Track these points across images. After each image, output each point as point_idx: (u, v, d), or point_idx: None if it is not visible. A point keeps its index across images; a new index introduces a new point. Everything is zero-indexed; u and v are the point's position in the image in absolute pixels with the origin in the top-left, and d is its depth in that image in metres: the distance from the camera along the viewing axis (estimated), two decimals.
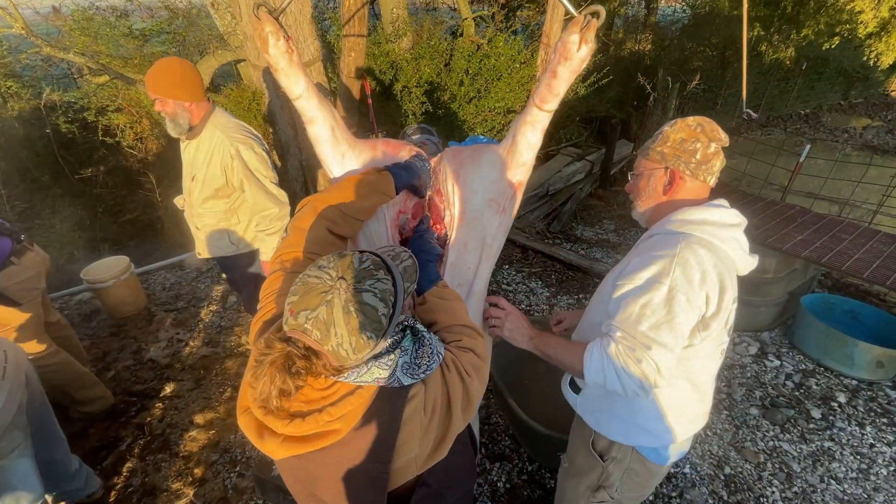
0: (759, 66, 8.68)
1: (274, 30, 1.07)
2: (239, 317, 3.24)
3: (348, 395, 0.78)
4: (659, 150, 1.14)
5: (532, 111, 1.13)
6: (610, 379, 1.05)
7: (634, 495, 1.33)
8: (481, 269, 1.32)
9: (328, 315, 0.72)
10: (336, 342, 0.72)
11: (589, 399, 1.30)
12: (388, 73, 4.89)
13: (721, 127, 1.16)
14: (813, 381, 2.83)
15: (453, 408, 0.87)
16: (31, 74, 6.27)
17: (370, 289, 0.76)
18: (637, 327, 1.02)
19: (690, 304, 1.01)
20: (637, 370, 1.02)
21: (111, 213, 5.70)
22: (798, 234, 3.10)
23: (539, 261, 4.09)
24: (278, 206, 2.16)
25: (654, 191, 1.16)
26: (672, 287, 1.01)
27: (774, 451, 2.38)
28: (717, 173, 1.14)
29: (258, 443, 0.78)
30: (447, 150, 1.34)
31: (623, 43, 9.92)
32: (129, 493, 2.08)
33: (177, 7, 6.61)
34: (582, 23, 0.96)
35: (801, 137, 8.36)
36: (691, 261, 1.02)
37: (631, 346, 1.03)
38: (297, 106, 1.22)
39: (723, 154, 1.13)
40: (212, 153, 2.00)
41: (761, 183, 4.97)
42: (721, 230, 1.08)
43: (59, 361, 2.17)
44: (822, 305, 3.17)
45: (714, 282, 1.03)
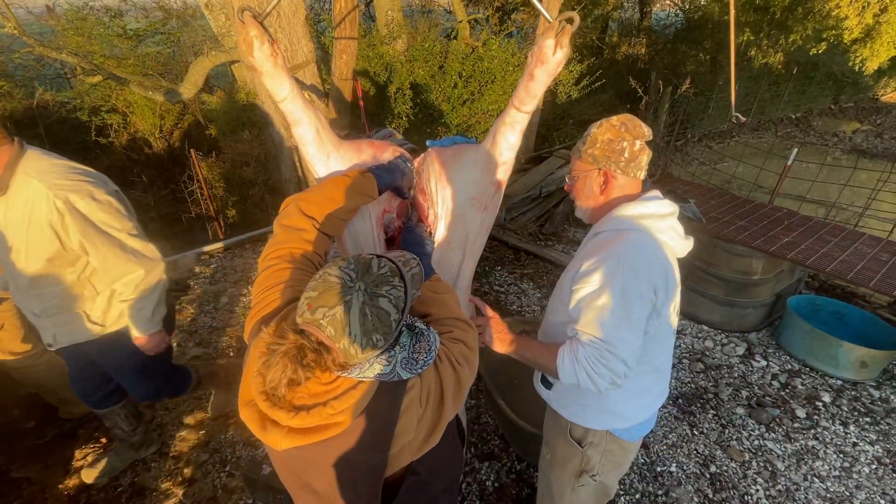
0: (750, 70, 8.79)
1: (258, 33, 1.08)
2: (231, 317, 3.25)
3: (351, 389, 0.81)
4: (590, 153, 1.20)
5: (511, 112, 1.17)
6: (583, 380, 1.14)
7: (614, 472, 1.44)
8: (465, 265, 1.35)
9: (345, 315, 0.76)
10: (348, 341, 0.76)
11: (560, 393, 1.38)
12: (383, 75, 4.91)
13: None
14: (798, 381, 2.88)
15: (445, 396, 0.92)
16: (24, 74, 6.24)
17: (386, 294, 0.79)
18: (600, 331, 1.11)
19: (642, 298, 1.11)
20: (605, 370, 1.11)
21: None
22: (785, 237, 3.15)
23: (531, 262, 4.12)
24: (144, 265, 1.64)
25: (592, 191, 1.24)
26: (624, 286, 1.09)
27: (759, 450, 2.42)
28: (645, 167, 1.21)
29: (261, 434, 0.81)
30: (430, 151, 1.37)
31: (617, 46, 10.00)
32: (118, 493, 2.08)
33: (171, 8, 6.60)
34: (557, 28, 1.00)
35: (791, 141, 8.46)
36: (636, 258, 1.11)
37: (596, 347, 1.12)
38: (282, 108, 1.23)
39: (648, 148, 1.20)
40: (30, 212, 1.48)
41: (751, 186, 5.04)
42: (658, 221, 1.18)
43: (44, 361, 2.16)
44: (808, 307, 3.21)
45: (659, 273, 1.13)
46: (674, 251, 1.21)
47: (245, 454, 2.26)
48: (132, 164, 6.11)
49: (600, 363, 1.10)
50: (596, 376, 1.11)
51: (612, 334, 1.10)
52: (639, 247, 1.13)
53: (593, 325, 1.12)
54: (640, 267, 1.11)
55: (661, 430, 2.51)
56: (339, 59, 3.35)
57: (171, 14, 6.53)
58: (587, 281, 1.14)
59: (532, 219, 4.86)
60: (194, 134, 6.39)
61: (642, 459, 2.34)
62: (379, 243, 1.35)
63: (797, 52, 8.84)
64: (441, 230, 1.32)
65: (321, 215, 1.13)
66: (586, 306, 1.14)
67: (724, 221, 3.31)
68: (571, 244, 4.51)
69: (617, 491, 2.15)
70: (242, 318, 3.24)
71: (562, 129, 6.73)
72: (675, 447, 2.42)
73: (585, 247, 1.29)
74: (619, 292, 1.09)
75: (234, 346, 2.97)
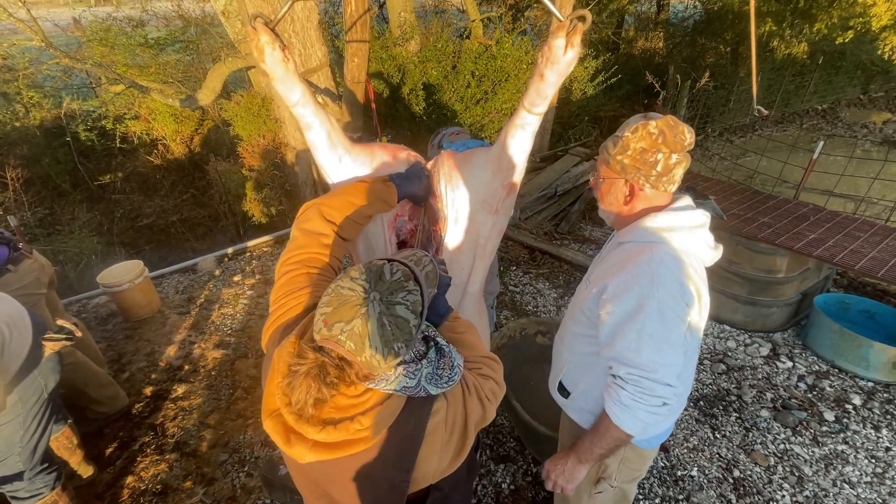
0: (773, 62, 8.52)
1: (270, 40, 1.10)
2: (249, 319, 3.30)
3: (377, 405, 0.80)
4: (619, 160, 1.12)
5: (521, 114, 1.15)
6: (644, 418, 1.09)
7: (631, 478, 1.40)
8: (476, 269, 1.34)
9: (363, 328, 0.74)
10: (370, 353, 0.74)
11: (578, 401, 1.34)
12: (396, 77, 4.93)
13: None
14: (826, 383, 2.78)
15: (469, 427, 0.92)
16: (52, 85, 6.46)
17: (403, 301, 0.78)
18: (639, 357, 1.06)
19: (679, 317, 1.06)
20: (653, 398, 1.07)
21: (128, 219, 5.85)
22: (811, 233, 3.04)
23: (546, 262, 4.08)
24: None
25: (616, 199, 1.17)
26: (661, 307, 1.04)
27: (785, 455, 2.34)
28: (678, 181, 1.13)
29: (285, 447, 0.80)
30: (443, 153, 1.36)
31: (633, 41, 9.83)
32: (142, 491, 2.14)
33: (190, 16, 6.75)
34: (568, 27, 0.97)
35: (817, 133, 8.18)
36: (669, 277, 1.05)
37: (636, 382, 1.07)
38: (294, 113, 1.25)
39: (688, 158, 1.11)
40: None
41: (774, 181, 4.88)
42: (688, 233, 1.11)
43: (71, 362, 2.22)
44: (836, 305, 3.10)
45: (691, 290, 1.08)
46: (702, 262, 1.15)
47: (263, 454, 2.30)
48: (154, 170, 6.28)
49: (646, 394, 1.07)
50: (650, 409, 1.07)
51: (654, 359, 1.05)
52: (671, 263, 1.07)
53: (631, 351, 1.07)
54: (675, 285, 1.05)
55: (682, 433, 2.45)
56: (351, 62, 3.37)
57: (190, 22, 6.68)
58: (619, 303, 1.09)
59: (547, 218, 4.81)
60: (213, 138, 6.53)
61: (662, 463, 2.29)
62: (390, 247, 1.35)
63: (822, 41, 8.53)
64: (450, 232, 1.31)
65: (341, 220, 1.13)
66: (622, 331, 1.08)
67: (747, 218, 3.22)
68: (587, 243, 4.44)
69: (636, 495, 2.11)
70: (261, 320, 3.29)
71: (577, 126, 6.64)
72: (697, 451, 2.36)
73: (609, 257, 1.22)
74: (657, 314, 1.04)
75: (253, 348, 3.01)
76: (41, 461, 1.66)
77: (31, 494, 1.65)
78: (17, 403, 1.52)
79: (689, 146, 1.08)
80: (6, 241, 1.99)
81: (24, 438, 1.57)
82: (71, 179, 6.02)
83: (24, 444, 1.58)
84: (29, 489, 1.65)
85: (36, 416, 1.59)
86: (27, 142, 5.79)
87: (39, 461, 1.65)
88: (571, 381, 1.36)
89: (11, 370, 1.48)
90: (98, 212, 5.80)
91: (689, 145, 1.08)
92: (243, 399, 2.62)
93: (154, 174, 6.27)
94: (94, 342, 2.63)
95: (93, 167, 6.19)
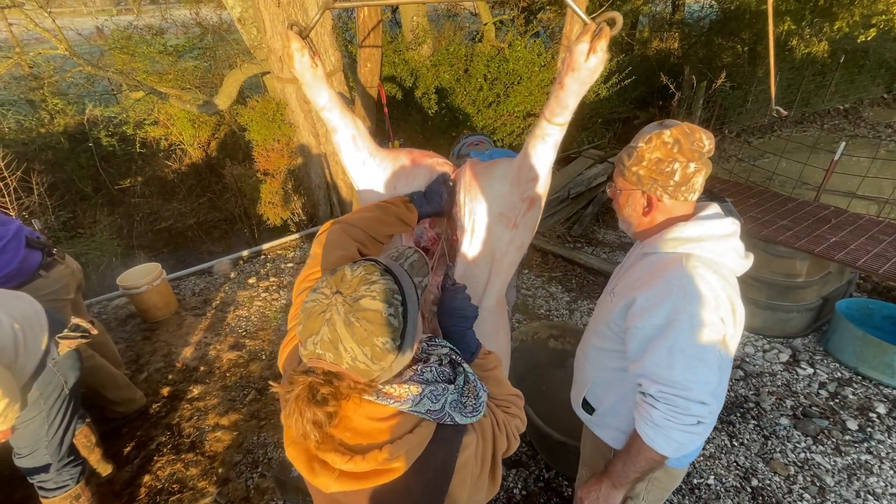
0: (792, 61, 8.35)
1: (299, 46, 1.13)
2: (264, 322, 3.34)
3: (407, 432, 0.77)
4: (634, 171, 1.08)
5: (541, 124, 1.09)
6: (679, 439, 1.04)
7: (658, 498, 1.34)
8: (491, 284, 1.30)
9: (332, 333, 0.71)
10: (350, 357, 0.71)
11: (604, 418, 1.28)
12: (409, 81, 4.96)
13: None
14: (849, 391, 2.70)
15: (496, 460, 0.90)
16: (76, 92, 6.66)
17: (366, 293, 0.73)
18: (672, 374, 1.02)
19: (713, 332, 1.00)
20: (687, 417, 1.02)
21: (147, 222, 5.98)
22: (832, 236, 2.97)
23: (559, 265, 4.05)
24: None
25: (634, 211, 1.13)
26: (693, 323, 0.99)
27: (806, 464, 2.28)
28: (700, 189, 1.08)
29: (309, 475, 0.77)
30: (468, 161, 1.34)
31: (648, 42, 9.73)
32: (158, 490, 2.18)
33: (208, 23, 6.90)
34: (594, 31, 0.89)
35: (838, 134, 7.98)
36: (702, 289, 1.00)
37: (668, 400, 1.02)
38: (322, 116, 1.28)
39: (708, 165, 1.06)
40: None
41: (794, 183, 4.78)
42: (718, 243, 1.05)
43: (90, 365, 2.28)
44: (859, 311, 3.01)
45: (726, 304, 1.02)
46: (734, 273, 1.10)
47: (276, 456, 2.32)
48: (172, 174, 6.41)
49: (680, 413, 1.02)
50: (684, 428, 1.03)
51: (686, 377, 1.00)
52: (704, 274, 1.01)
53: (663, 368, 1.02)
54: (707, 299, 1.00)
55: None
56: (364, 66, 3.40)
57: (208, 29, 6.82)
58: (648, 317, 1.04)
59: (560, 221, 4.78)
60: (229, 143, 6.65)
61: None
62: None
63: (843, 39, 8.33)
64: (467, 244, 1.28)
65: (365, 238, 1.13)
66: (652, 347, 1.04)
67: (765, 221, 3.15)
68: (601, 246, 4.40)
69: None
70: (275, 322, 3.33)
71: (590, 128, 6.59)
72: (714, 458, 2.31)
73: (634, 269, 1.16)
74: (689, 329, 0.99)
75: (267, 350, 3.05)
76: (68, 454, 1.72)
77: (57, 486, 1.71)
78: (39, 400, 1.57)
79: (707, 153, 1.03)
80: (41, 247, 2.04)
81: (50, 432, 1.63)
82: (93, 184, 6.19)
83: (50, 438, 1.63)
84: (56, 481, 1.70)
85: (59, 411, 1.64)
86: (52, 147, 5.97)
87: (66, 454, 1.71)
88: (596, 398, 1.30)
89: (28, 370, 1.52)
90: (118, 215, 5.95)
91: (707, 152, 1.03)
92: (257, 401, 2.65)
93: (172, 178, 6.41)
94: (113, 344, 2.69)
95: (114, 172, 6.36)
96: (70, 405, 1.69)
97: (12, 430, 1.50)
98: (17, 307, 1.58)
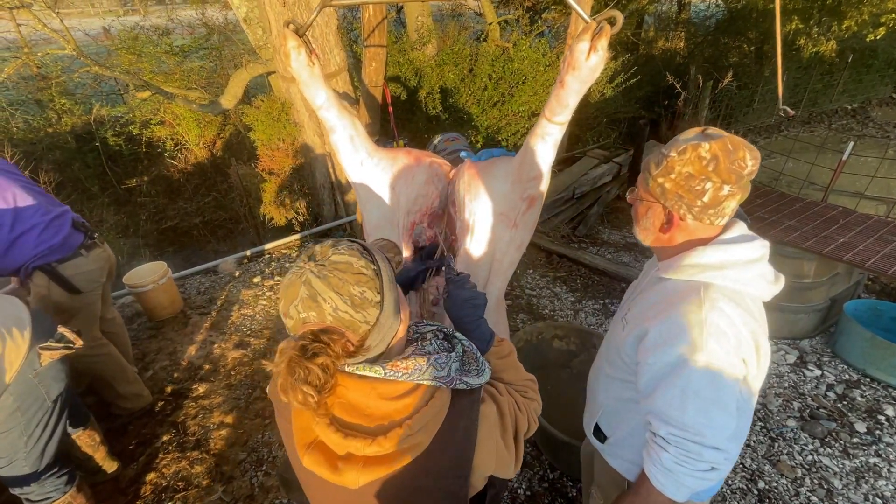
0: (799, 60, 8.29)
1: (297, 44, 1.12)
2: (268, 320, 3.35)
3: (423, 405, 0.77)
4: (660, 183, 0.97)
5: (542, 123, 1.09)
6: (691, 485, 0.96)
7: None
8: (491, 284, 1.30)
9: (310, 290, 0.72)
10: (331, 307, 0.72)
11: (616, 448, 1.23)
12: (413, 81, 4.96)
13: (753, 143, 0.98)
14: (857, 393, 2.67)
15: (519, 439, 0.91)
16: (83, 92, 6.70)
17: (335, 251, 0.75)
18: (683, 417, 0.93)
19: (733, 374, 0.92)
20: (700, 462, 0.94)
21: (153, 221, 6.02)
22: (840, 237, 2.94)
23: (564, 265, 4.04)
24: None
25: (652, 225, 1.03)
26: (709, 363, 0.91)
27: (813, 466, 2.26)
28: (730, 214, 0.96)
29: (333, 476, 0.75)
30: (465, 162, 1.34)
31: (653, 41, 9.68)
32: (164, 488, 2.19)
33: (214, 23, 6.93)
34: (594, 29, 0.90)
35: (846, 134, 7.91)
36: (722, 326, 0.91)
37: (679, 444, 0.95)
38: (319, 116, 1.27)
39: (745, 190, 0.94)
40: None
41: (801, 183, 4.74)
42: (744, 270, 0.94)
43: (106, 353, 2.31)
44: (867, 312, 2.98)
45: (749, 342, 0.93)
46: (760, 302, 0.99)
47: (281, 454, 2.32)
48: (178, 174, 6.45)
49: (692, 458, 0.94)
50: (696, 475, 0.94)
51: (699, 421, 0.92)
52: (722, 310, 0.91)
53: (674, 409, 0.94)
54: (728, 337, 0.91)
55: None
56: (369, 66, 3.40)
57: (214, 29, 6.85)
58: (660, 353, 0.96)
59: (565, 220, 4.76)
60: (235, 143, 6.67)
61: None
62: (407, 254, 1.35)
63: (852, 38, 8.26)
64: (466, 244, 1.28)
65: None
66: (664, 386, 0.95)
67: (771, 221, 3.13)
68: (606, 246, 4.38)
69: None
70: (279, 320, 3.34)
71: (595, 128, 6.57)
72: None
73: (648, 294, 1.08)
74: (704, 371, 0.90)
75: (271, 349, 3.06)
76: (51, 465, 1.66)
77: (42, 498, 1.66)
78: (16, 412, 1.51)
79: (749, 175, 0.91)
80: (84, 229, 2.16)
81: (29, 444, 1.57)
82: (100, 183, 6.22)
83: (28, 450, 1.57)
84: (39, 493, 1.65)
85: (39, 424, 1.58)
86: (59, 147, 6.01)
87: (49, 465, 1.65)
88: (609, 426, 1.23)
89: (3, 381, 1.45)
90: (125, 214, 5.99)
91: (749, 174, 0.91)
92: (261, 399, 2.66)
93: (178, 178, 6.45)
94: (128, 338, 2.72)
95: (120, 171, 6.40)
96: (53, 416, 1.63)
97: None
98: (8, 310, 1.52)
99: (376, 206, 1.37)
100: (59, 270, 2.04)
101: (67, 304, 2.09)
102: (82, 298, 2.15)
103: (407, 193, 1.34)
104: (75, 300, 2.12)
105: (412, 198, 1.35)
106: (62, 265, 2.04)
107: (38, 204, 2.01)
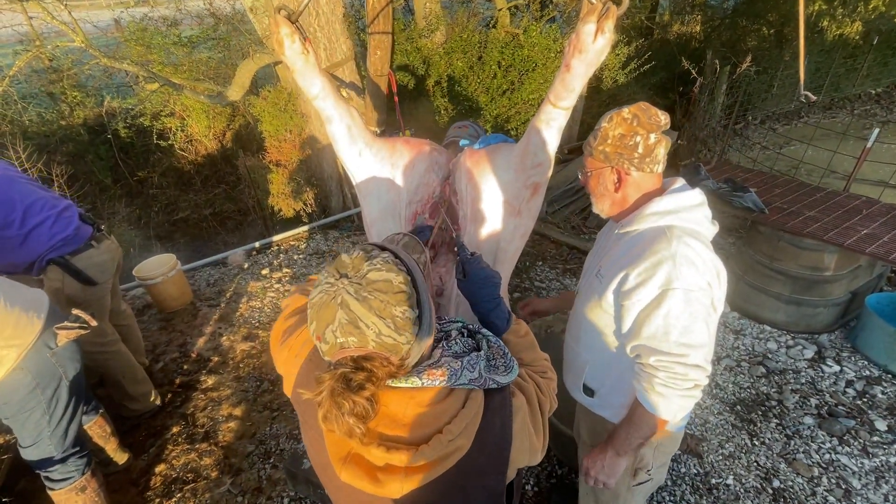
0: (822, 43, 7.98)
1: (289, 32, 1.08)
2: (276, 312, 3.36)
3: (460, 409, 0.76)
4: (601, 150, 1.13)
5: (546, 108, 1.09)
6: (679, 404, 1.10)
7: (662, 463, 1.40)
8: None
9: (349, 314, 0.68)
10: (374, 333, 0.68)
11: (607, 398, 1.34)
12: (421, 69, 4.88)
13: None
14: (878, 390, 2.58)
15: (545, 421, 0.93)
16: (94, 84, 6.74)
17: (370, 268, 0.71)
18: (667, 341, 1.06)
19: (704, 296, 1.06)
20: (686, 382, 1.07)
21: (164, 213, 6.06)
22: (862, 228, 2.83)
23: (574, 257, 3.97)
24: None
25: (607, 189, 1.18)
26: (686, 289, 1.04)
27: (831, 465, 2.19)
28: (663, 160, 1.13)
29: (374, 488, 0.73)
30: (465, 150, 1.31)
31: (668, 26, 9.41)
32: (173, 479, 2.21)
33: (221, 13, 6.89)
34: (600, 10, 0.89)
35: (870, 120, 7.63)
36: (690, 256, 1.05)
37: (668, 368, 1.07)
38: (315, 105, 1.24)
39: (666, 139, 1.11)
40: None
41: (822, 172, 4.58)
42: (693, 212, 1.11)
43: (115, 350, 2.32)
44: (890, 306, 2.88)
45: (711, 268, 1.08)
46: (708, 239, 1.16)
47: (288, 447, 2.33)
48: (189, 165, 6.48)
49: (679, 379, 1.07)
50: (684, 393, 1.08)
51: (683, 341, 1.05)
52: (686, 243, 1.07)
53: (659, 336, 1.07)
54: (696, 265, 1.05)
55: (717, 438, 2.34)
56: (374, 55, 3.34)
57: (221, 20, 6.81)
58: (642, 290, 1.08)
59: (575, 211, 4.68)
60: (244, 134, 6.67)
61: (695, 470, 2.19)
62: None
63: (878, 19, 7.92)
64: (470, 234, 1.26)
65: None
66: (646, 318, 1.08)
67: (791, 212, 3.02)
68: None
69: (667, 501, 2.03)
70: None
71: None
72: (733, 458, 2.24)
73: (617, 248, 1.20)
74: (682, 299, 1.04)
75: None
76: (73, 445, 1.73)
77: (63, 477, 1.72)
78: (36, 390, 1.56)
79: (664, 126, 1.09)
80: (91, 221, 2.20)
81: (52, 423, 1.64)
82: (112, 175, 6.28)
83: (52, 429, 1.64)
84: (61, 472, 1.72)
85: (59, 403, 1.64)
86: (72, 139, 6.07)
87: (71, 445, 1.73)
88: (596, 380, 1.35)
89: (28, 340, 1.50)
90: (136, 206, 6.04)
91: (664, 125, 1.09)
92: (269, 392, 2.67)
93: (188, 169, 6.48)
94: (139, 332, 2.74)
95: (132, 163, 6.45)
96: (72, 396, 1.69)
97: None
98: (27, 295, 1.58)
99: (376, 197, 1.34)
100: (73, 263, 2.06)
101: (80, 298, 2.11)
102: (95, 291, 2.17)
103: (408, 183, 1.31)
104: (88, 293, 2.14)
105: (413, 187, 1.32)
106: (75, 257, 2.07)
107: (45, 198, 2.04)
